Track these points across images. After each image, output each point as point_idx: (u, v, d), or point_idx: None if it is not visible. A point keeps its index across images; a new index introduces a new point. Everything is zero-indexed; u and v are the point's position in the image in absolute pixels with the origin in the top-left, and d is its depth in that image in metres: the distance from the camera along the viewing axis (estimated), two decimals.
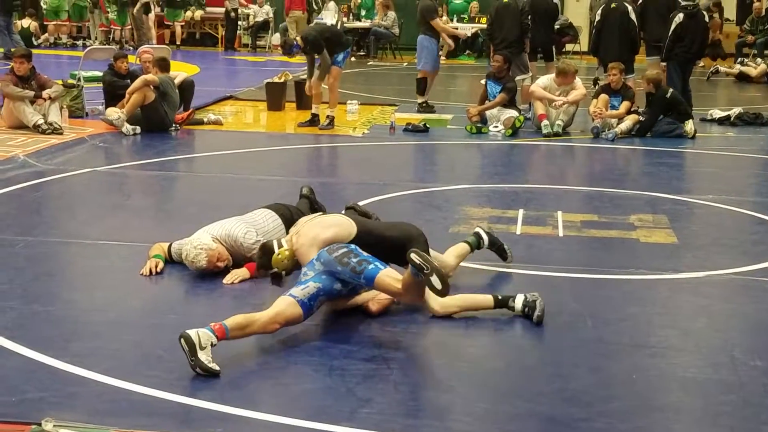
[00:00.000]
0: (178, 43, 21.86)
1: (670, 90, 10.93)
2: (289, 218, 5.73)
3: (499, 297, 4.87)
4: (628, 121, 10.81)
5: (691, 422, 3.79)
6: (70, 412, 3.61)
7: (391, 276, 4.48)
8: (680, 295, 5.37)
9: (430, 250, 5.09)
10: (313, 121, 11.15)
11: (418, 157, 10.01)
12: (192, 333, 4.04)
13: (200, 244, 5.35)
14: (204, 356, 4.00)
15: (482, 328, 4.78)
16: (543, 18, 12.44)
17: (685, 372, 4.21)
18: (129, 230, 6.50)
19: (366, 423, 3.62)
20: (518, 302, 4.83)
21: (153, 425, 3.54)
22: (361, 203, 6.22)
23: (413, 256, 4.22)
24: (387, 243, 4.96)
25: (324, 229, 4.90)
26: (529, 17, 12.01)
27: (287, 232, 5.51)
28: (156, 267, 5.44)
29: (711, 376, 4.17)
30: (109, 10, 21.50)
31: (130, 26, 21.62)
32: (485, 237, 5.62)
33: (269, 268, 4.95)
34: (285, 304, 4.42)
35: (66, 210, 7.30)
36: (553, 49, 13.03)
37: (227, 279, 5.31)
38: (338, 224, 4.96)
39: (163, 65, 10.75)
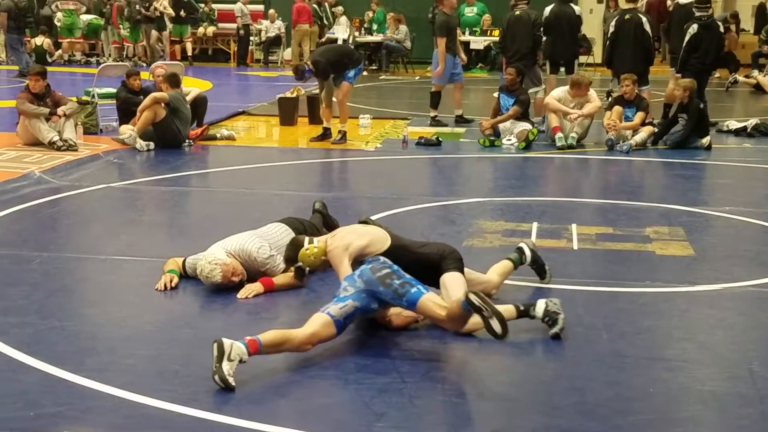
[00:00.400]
0: (189, 55, 21.93)
1: (700, 102, 10.93)
2: (302, 232, 5.73)
3: (521, 307, 4.80)
4: (643, 133, 10.80)
5: None
6: (87, 426, 3.63)
7: (434, 301, 4.45)
8: (697, 308, 5.35)
9: (472, 270, 5.07)
10: (325, 135, 11.19)
11: (431, 171, 10.01)
12: (227, 342, 4.04)
13: (214, 259, 5.36)
14: (227, 367, 3.99)
15: (497, 342, 4.76)
16: (566, 30, 12.36)
17: (703, 385, 4.18)
18: (144, 246, 6.52)
19: None
20: (539, 310, 4.75)
21: None
22: (374, 217, 6.23)
23: (472, 297, 4.14)
24: (420, 259, 4.92)
25: (359, 237, 4.91)
26: (542, 29, 12.02)
27: None
28: (171, 282, 5.45)
29: (729, 389, 4.14)
30: (121, 27, 21.65)
31: (142, 43, 21.75)
32: (528, 253, 5.51)
33: (295, 262, 4.99)
34: (321, 323, 4.40)
35: (81, 226, 7.33)
36: (576, 62, 12.85)
37: (241, 293, 5.32)
38: (373, 234, 4.97)
39: (173, 81, 10.78)
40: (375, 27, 22.26)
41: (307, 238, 5.02)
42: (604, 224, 7.19)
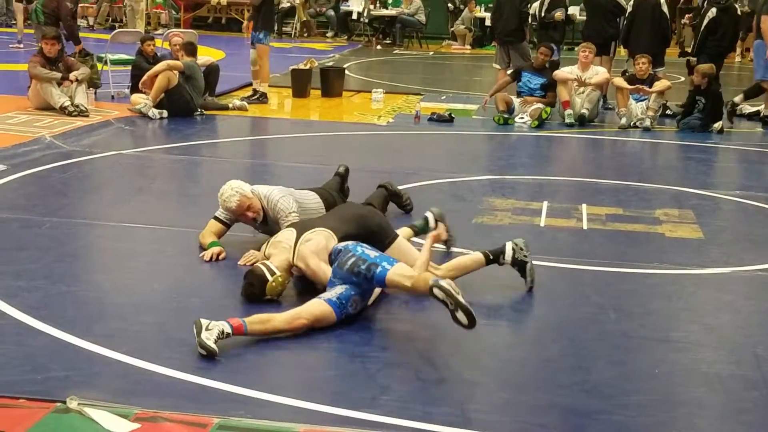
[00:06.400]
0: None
1: (719, 87, 10.93)
2: (332, 203, 5.82)
3: (490, 256, 5.02)
4: (654, 105, 10.80)
5: (713, 418, 3.77)
6: (94, 391, 3.64)
7: (400, 273, 4.40)
8: (705, 291, 5.35)
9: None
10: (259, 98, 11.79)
11: (442, 147, 9.99)
12: (204, 320, 4.10)
13: (239, 187, 5.48)
14: (206, 334, 4.03)
15: (503, 318, 4.79)
16: (600, 11, 12.28)
17: (708, 367, 4.18)
18: (153, 213, 6.54)
19: (386, 409, 3.63)
20: (507, 257, 5.02)
21: (175, 406, 3.56)
22: None
23: (436, 291, 4.07)
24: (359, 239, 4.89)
25: (317, 241, 4.82)
26: (529, 6, 12.05)
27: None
28: (219, 255, 5.44)
29: (734, 372, 4.14)
30: None
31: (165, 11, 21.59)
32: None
33: (263, 296, 4.73)
34: (311, 301, 4.46)
35: (91, 192, 7.34)
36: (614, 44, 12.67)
37: (242, 260, 5.33)
38: (323, 234, 4.88)
39: (190, 50, 10.78)
40: (390, 1, 22.16)
41: (265, 269, 4.77)
42: (615, 205, 7.18)
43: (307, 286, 4.87)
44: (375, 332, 4.46)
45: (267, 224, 5.56)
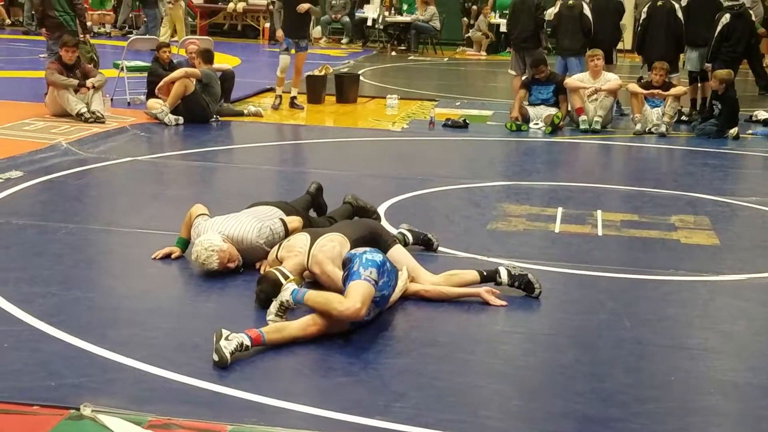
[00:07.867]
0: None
1: (736, 93, 10.91)
2: (289, 212, 5.65)
3: (484, 273, 5.07)
4: (670, 110, 10.78)
5: (729, 426, 3.74)
6: (108, 397, 3.65)
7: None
8: (720, 298, 5.31)
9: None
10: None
11: (457, 153, 9.98)
12: (225, 330, 4.09)
13: (211, 245, 5.19)
14: (223, 343, 4.03)
15: (518, 325, 4.77)
16: (608, 16, 12.28)
17: (724, 375, 4.16)
18: (168, 219, 6.53)
19: (400, 417, 3.62)
20: (504, 277, 5.06)
21: (189, 413, 3.56)
22: (398, 198, 6.25)
23: None
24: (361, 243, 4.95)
25: (332, 248, 4.84)
26: (544, 12, 12.05)
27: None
28: (170, 254, 5.48)
29: (750, 380, 4.12)
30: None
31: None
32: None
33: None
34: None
35: (107, 198, 7.37)
36: (614, 52, 12.66)
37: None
38: (339, 239, 4.92)
39: (206, 57, 10.82)
40: (405, 7, 22.17)
41: (278, 273, 4.74)
42: (630, 211, 7.15)
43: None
44: (389, 339, 4.45)
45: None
